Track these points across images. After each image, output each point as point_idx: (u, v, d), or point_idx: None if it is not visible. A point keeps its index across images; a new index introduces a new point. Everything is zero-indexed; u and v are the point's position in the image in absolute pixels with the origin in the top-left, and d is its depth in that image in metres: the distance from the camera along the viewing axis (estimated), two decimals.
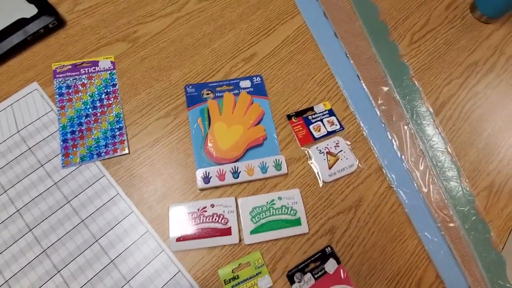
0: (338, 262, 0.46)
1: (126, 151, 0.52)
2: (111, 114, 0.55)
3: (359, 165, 0.53)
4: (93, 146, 0.52)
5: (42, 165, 0.50)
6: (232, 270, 0.44)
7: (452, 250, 0.48)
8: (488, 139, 0.58)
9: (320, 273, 0.45)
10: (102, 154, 0.51)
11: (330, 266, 0.46)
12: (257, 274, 0.45)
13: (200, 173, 0.49)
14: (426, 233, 0.49)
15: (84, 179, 0.50)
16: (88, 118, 0.54)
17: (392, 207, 0.51)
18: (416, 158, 0.54)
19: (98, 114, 0.55)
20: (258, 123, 0.54)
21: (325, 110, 0.57)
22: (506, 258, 0.48)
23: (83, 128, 0.53)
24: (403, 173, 0.53)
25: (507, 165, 0.56)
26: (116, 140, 0.52)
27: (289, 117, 0.56)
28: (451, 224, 0.49)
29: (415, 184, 0.52)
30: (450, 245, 0.48)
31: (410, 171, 0.53)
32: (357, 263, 0.47)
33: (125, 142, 0.52)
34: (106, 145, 0.52)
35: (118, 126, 0.54)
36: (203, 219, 0.46)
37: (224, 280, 0.44)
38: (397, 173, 0.52)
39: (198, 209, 0.46)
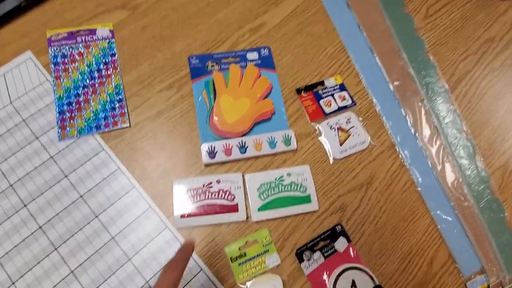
0: (349, 240, 0.44)
1: (127, 124, 0.49)
2: (110, 85, 0.51)
3: (371, 141, 0.51)
4: (91, 119, 0.49)
5: (37, 138, 0.47)
6: (239, 248, 0.43)
7: (466, 230, 0.46)
8: (504, 117, 0.56)
9: (329, 252, 0.44)
10: (101, 127, 0.48)
11: (340, 244, 0.44)
12: (264, 252, 0.43)
13: (205, 147, 0.46)
14: (438, 212, 0.47)
15: (82, 152, 0.47)
16: (86, 89, 0.51)
17: (405, 186, 0.49)
18: (430, 136, 0.52)
19: (96, 85, 0.51)
20: (266, 96, 0.51)
21: (336, 85, 0.54)
22: None
23: (80, 99, 0.50)
24: (416, 150, 0.51)
25: None
26: (115, 113, 0.50)
27: (298, 91, 0.53)
28: (465, 203, 0.48)
29: (429, 162, 0.50)
30: (463, 225, 0.46)
31: (423, 148, 0.50)
32: (368, 242, 0.45)
33: (126, 114, 0.49)
34: (105, 118, 0.49)
35: (117, 98, 0.50)
36: (208, 195, 0.44)
37: (231, 258, 0.42)
38: (410, 150, 0.50)
39: (204, 185, 0.44)
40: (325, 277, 0.42)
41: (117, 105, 0.50)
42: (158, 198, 0.45)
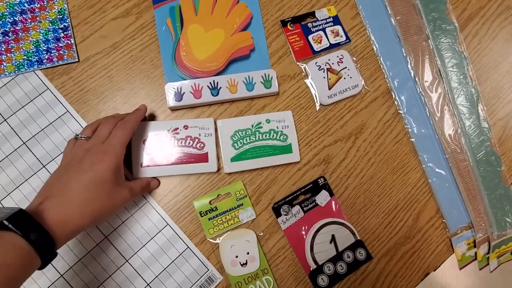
0: (331, 194, 0.41)
1: (75, 58, 0.40)
2: (53, 10, 0.42)
3: (365, 86, 0.44)
4: (31, 51, 0.40)
5: None
6: (210, 202, 0.38)
7: (458, 184, 0.43)
8: None
9: (310, 206, 0.40)
10: (44, 61, 0.40)
11: (322, 198, 0.40)
12: (238, 206, 0.39)
13: (170, 88, 0.39)
14: (431, 165, 0.43)
15: (22, 92, 0.39)
16: (24, 16, 0.41)
17: (397, 136, 0.44)
18: (432, 80, 0.45)
19: (36, 10, 0.42)
20: (245, 28, 0.43)
21: (329, 17, 0.45)
22: None
23: (17, 28, 0.41)
24: (414, 97, 0.45)
25: None
26: (60, 44, 0.41)
27: (284, 23, 0.44)
28: (461, 156, 0.43)
29: (427, 110, 0.44)
30: (456, 178, 0.43)
31: (423, 95, 0.44)
32: (352, 196, 0.41)
33: (73, 46, 0.41)
34: (48, 50, 0.40)
35: (62, 26, 0.41)
36: (174, 142, 0.38)
37: (200, 212, 0.38)
38: (408, 96, 0.44)
39: (168, 130, 0.38)
40: (303, 232, 0.39)
41: (62, 34, 0.41)
42: None
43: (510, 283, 0.60)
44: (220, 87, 0.40)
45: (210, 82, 0.40)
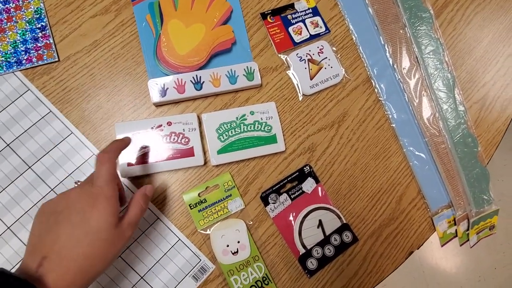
0: (317, 181, 0.42)
1: (55, 58, 0.40)
2: (29, 10, 0.41)
3: (345, 75, 0.45)
4: (9, 52, 0.40)
5: None
6: (199, 194, 0.39)
7: (437, 165, 0.45)
8: (487, 47, 0.51)
9: (297, 193, 0.41)
10: (23, 62, 0.40)
11: (308, 185, 0.41)
12: (227, 197, 0.39)
13: (153, 84, 0.40)
14: (411, 149, 0.45)
15: (2, 94, 0.39)
16: None
17: (379, 123, 0.45)
18: (410, 67, 0.47)
19: (12, 10, 0.41)
20: (225, 22, 0.43)
21: (308, 8, 0.46)
22: (490, 172, 0.46)
23: None
24: (393, 84, 0.46)
25: (503, 76, 0.50)
26: (39, 44, 0.40)
27: (263, 16, 0.45)
28: (439, 139, 0.45)
29: (406, 96, 0.46)
30: (435, 160, 0.45)
31: (401, 81, 0.46)
32: (337, 182, 0.43)
33: (52, 46, 0.40)
34: (26, 51, 0.40)
35: (39, 26, 0.41)
36: (159, 139, 0.38)
37: (190, 205, 0.39)
38: (387, 84, 0.46)
39: (152, 128, 0.38)
40: (291, 218, 0.40)
41: (40, 34, 0.41)
42: (102, 144, 0.39)
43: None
44: (203, 81, 0.40)
45: (193, 77, 0.40)
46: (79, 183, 0.32)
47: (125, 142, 0.34)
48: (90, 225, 0.27)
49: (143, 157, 0.38)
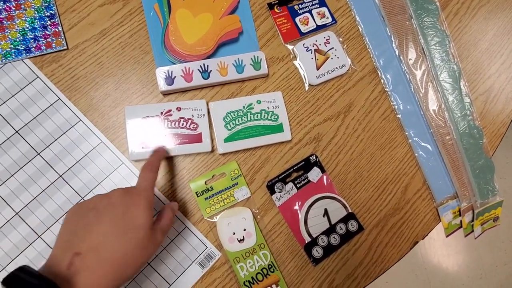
0: (323, 170, 0.42)
1: (64, 46, 0.40)
2: None
3: (352, 65, 0.46)
4: (18, 40, 0.40)
5: None
6: (205, 182, 0.39)
7: (443, 156, 0.45)
8: (493, 40, 0.51)
9: (303, 183, 0.41)
10: (32, 49, 0.40)
11: (314, 174, 0.42)
12: (233, 186, 0.40)
13: (161, 72, 0.40)
14: (417, 139, 0.45)
15: (11, 81, 0.39)
16: (7, 4, 0.41)
17: (385, 113, 0.45)
18: (416, 58, 0.47)
19: None
20: (232, 12, 0.43)
21: None
22: (495, 164, 0.46)
23: (1, 16, 0.40)
24: (399, 75, 0.46)
25: (508, 68, 0.50)
26: (48, 32, 0.41)
27: (270, 6, 0.45)
28: (445, 130, 0.45)
29: (412, 87, 0.46)
30: (441, 151, 0.45)
31: (407, 72, 0.46)
32: (343, 171, 0.43)
33: (61, 34, 0.41)
34: (35, 39, 0.40)
35: (48, 14, 0.41)
36: (168, 124, 0.38)
37: (196, 193, 0.39)
38: (393, 75, 0.46)
39: (162, 113, 0.39)
40: (297, 207, 0.40)
41: (49, 22, 0.41)
42: (110, 131, 0.39)
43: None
44: (211, 70, 0.41)
45: (201, 66, 0.40)
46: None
47: (165, 152, 0.37)
48: (131, 221, 0.27)
49: (152, 141, 0.38)
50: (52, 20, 0.41)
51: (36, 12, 0.41)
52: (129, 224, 0.27)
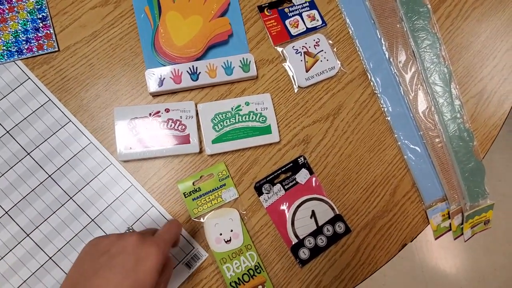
0: (311, 172, 0.42)
1: (55, 47, 0.41)
2: (30, 1, 0.42)
3: (341, 68, 0.46)
4: (10, 42, 0.41)
5: None
6: (193, 183, 0.40)
7: (432, 159, 0.45)
8: (485, 42, 0.51)
9: (290, 184, 0.41)
10: (24, 51, 0.41)
11: (302, 176, 0.42)
12: (221, 187, 0.40)
13: (150, 74, 0.40)
14: (406, 142, 0.45)
15: (3, 82, 0.40)
16: (1, 6, 0.42)
17: (374, 115, 0.45)
18: (406, 61, 0.47)
19: (13, 1, 0.42)
20: (222, 14, 0.44)
21: (305, 2, 0.46)
22: (490, 173, 0.46)
23: None
24: (389, 77, 0.46)
25: (501, 71, 0.50)
26: (40, 34, 0.41)
27: (261, 9, 0.45)
28: (435, 132, 0.45)
29: (402, 90, 0.46)
30: (430, 153, 0.45)
31: (397, 75, 0.46)
32: (331, 173, 0.43)
33: (52, 36, 0.41)
34: (27, 40, 0.41)
35: (40, 16, 0.42)
36: (156, 125, 0.39)
37: (184, 193, 0.39)
38: (382, 77, 0.46)
39: (150, 114, 0.39)
40: (284, 208, 0.40)
41: (41, 24, 0.41)
42: (99, 132, 0.40)
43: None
44: (200, 72, 0.41)
45: (190, 67, 0.41)
46: (131, 230, 0.32)
47: (178, 225, 0.33)
48: (138, 277, 0.26)
49: (140, 142, 0.39)
50: (44, 22, 0.41)
51: (28, 15, 0.42)
52: (137, 279, 0.26)
